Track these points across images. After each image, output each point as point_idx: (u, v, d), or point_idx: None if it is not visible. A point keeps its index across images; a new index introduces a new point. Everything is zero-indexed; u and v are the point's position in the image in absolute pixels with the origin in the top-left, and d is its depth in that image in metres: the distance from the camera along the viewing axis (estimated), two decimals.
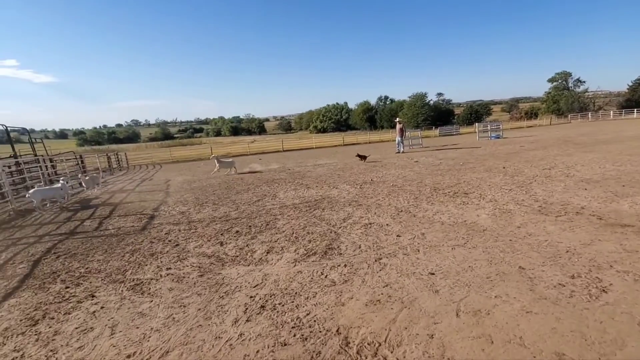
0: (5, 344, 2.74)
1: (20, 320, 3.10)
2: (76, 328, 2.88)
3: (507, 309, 2.64)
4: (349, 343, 2.39)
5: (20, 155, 13.14)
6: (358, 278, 3.39)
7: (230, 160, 14.12)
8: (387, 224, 5.06)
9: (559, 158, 10.52)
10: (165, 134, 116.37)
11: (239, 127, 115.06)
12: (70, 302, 3.37)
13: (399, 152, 16.86)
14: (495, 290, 2.94)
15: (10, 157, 12.61)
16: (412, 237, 4.42)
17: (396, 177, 9.28)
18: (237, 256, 4.26)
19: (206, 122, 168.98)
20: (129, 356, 2.44)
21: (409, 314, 2.69)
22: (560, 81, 64.08)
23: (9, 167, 11.88)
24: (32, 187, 9.11)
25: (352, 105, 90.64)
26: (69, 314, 3.15)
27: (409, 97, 74.35)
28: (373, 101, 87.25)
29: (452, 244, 4.08)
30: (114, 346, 2.58)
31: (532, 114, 63.53)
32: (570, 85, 63.06)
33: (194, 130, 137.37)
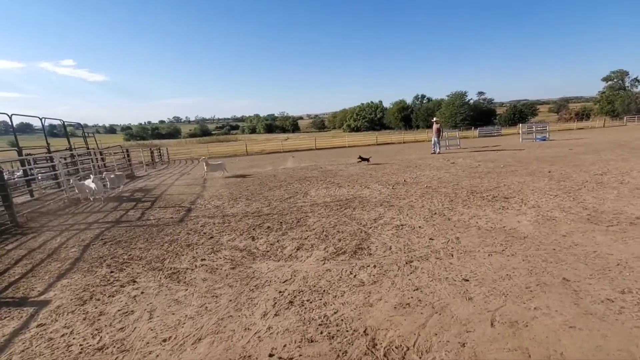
0: (57, 320, 3.00)
1: (71, 300, 3.37)
2: (119, 310, 3.08)
3: (548, 322, 2.47)
4: (376, 345, 2.36)
5: (75, 148, 14.27)
6: (387, 280, 3.33)
7: (220, 162, 13.19)
8: (419, 227, 4.93)
9: (613, 163, 9.68)
10: (203, 130, 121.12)
11: (273, 125, 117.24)
12: (114, 286, 3.61)
13: (434, 153, 16.29)
14: (535, 301, 2.77)
15: (66, 149, 13.73)
16: (445, 241, 4.28)
17: (431, 178, 9.01)
18: (268, 251, 4.35)
19: (242, 119, 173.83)
20: (164, 340, 2.58)
21: (439, 319, 2.60)
22: (615, 80, 58.99)
23: (65, 158, 12.94)
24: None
25: (387, 104, 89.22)
26: (113, 296, 3.38)
27: (448, 96, 71.82)
28: (409, 100, 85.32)
29: (488, 250, 3.89)
30: (152, 330, 2.74)
31: (583, 115, 59.02)
32: (627, 84, 57.90)
33: (230, 127, 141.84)
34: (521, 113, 66.38)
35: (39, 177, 11.75)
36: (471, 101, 71.28)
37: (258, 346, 2.44)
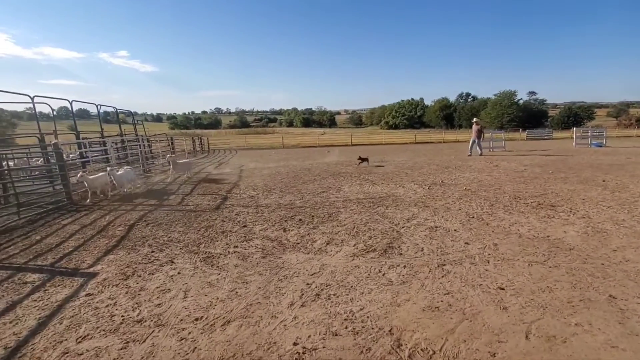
0: (103, 292, 3.26)
1: (116, 274, 3.64)
2: (157, 287, 3.29)
3: (588, 340, 2.29)
4: (401, 345, 2.32)
5: (125, 134, 15.27)
6: (417, 281, 3.25)
7: (187, 161, 11.89)
8: (455, 230, 4.76)
9: None
10: (242, 122, 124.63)
11: (310, 119, 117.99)
12: (154, 265, 3.85)
13: (471, 155, 15.16)
14: (577, 317, 2.57)
15: (117, 135, 14.76)
16: (482, 247, 4.09)
17: (470, 180, 8.63)
18: (298, 243, 4.41)
19: (280, 112, 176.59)
20: (197, 319, 2.71)
21: (470, 326, 2.50)
22: None
23: (116, 143, 13.92)
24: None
25: (428, 101, 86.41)
26: (152, 274, 3.61)
27: (495, 95, 68.06)
28: (452, 98, 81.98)
29: (529, 260, 3.67)
30: (186, 308, 2.89)
31: None
32: None
33: (268, 119, 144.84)
34: (576, 116, 61.30)
35: (93, 160, 12.77)
36: (521, 101, 67.00)
37: (283, 334, 2.49)
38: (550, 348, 2.25)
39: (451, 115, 74.65)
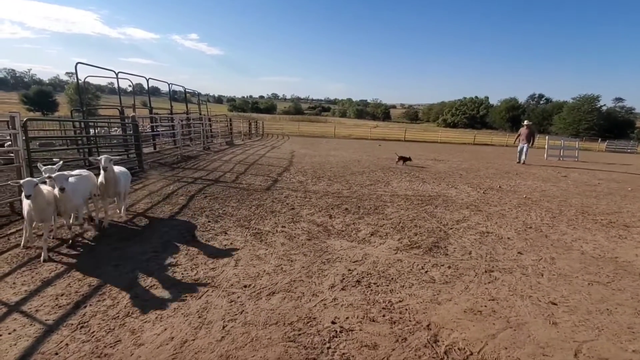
0: (166, 251, 3.66)
1: (177, 238, 4.05)
2: (212, 253, 3.61)
3: None
4: (438, 341, 2.33)
5: (190, 113, 16.44)
6: (461, 283, 3.19)
7: (62, 174, 3.61)
8: (508, 238, 4.52)
9: None
10: (297, 109, 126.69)
11: (364, 111, 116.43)
12: (210, 234, 4.21)
13: (519, 162, 13.47)
14: (636, 344, 2.36)
15: (183, 113, 15.96)
16: (537, 259, 3.85)
17: (532, 189, 8.03)
18: (343, 231, 4.51)
19: (334, 102, 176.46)
20: (245, 286, 2.96)
21: (513, 335, 2.42)
22: None
23: (182, 120, 15.08)
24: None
25: (493, 100, 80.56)
26: (209, 242, 3.95)
27: (573, 99, 61.43)
28: (522, 99, 75.54)
29: (589, 279, 3.39)
30: (236, 275, 3.15)
31: None
32: None
33: (322, 108, 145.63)
34: None
35: (162, 134, 13.98)
36: (604, 108, 59.81)
37: (323, 312, 2.62)
38: None
39: (518, 117, 68.87)
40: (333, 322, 2.49)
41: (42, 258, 3.30)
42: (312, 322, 2.48)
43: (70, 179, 3.66)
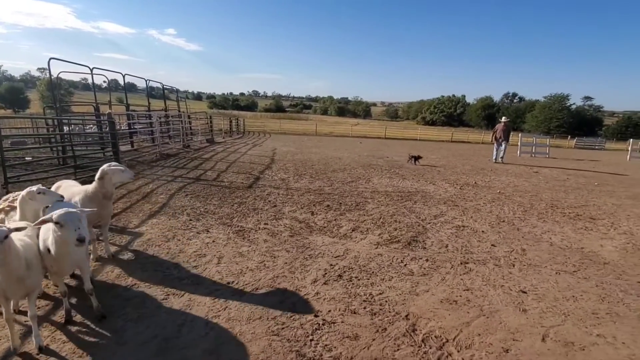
0: (147, 250, 3.61)
1: (158, 236, 4.00)
2: (194, 251, 3.60)
3: (610, 352, 2.28)
4: (416, 330, 2.44)
5: (168, 110, 16.05)
6: (438, 275, 3.32)
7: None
8: (482, 231, 4.72)
9: None
10: (278, 106, 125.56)
11: (345, 109, 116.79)
12: (192, 232, 4.18)
13: (496, 161, 12.90)
14: (600, 328, 2.55)
15: (161, 110, 15.57)
16: (509, 250, 4.05)
17: (506, 184, 8.36)
18: (325, 227, 4.58)
19: (316, 99, 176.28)
20: (228, 283, 2.98)
21: (486, 322, 2.56)
22: None
23: (160, 118, 14.73)
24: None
25: (470, 99, 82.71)
26: (190, 240, 3.93)
27: (545, 98, 63.91)
28: (497, 97, 77.97)
29: (557, 268, 3.60)
30: (219, 272, 3.17)
31: None
32: None
33: (303, 106, 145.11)
34: (636, 126, 56.29)
35: (139, 132, 13.61)
36: (573, 106, 62.52)
37: (305, 305, 2.69)
38: (567, 353, 2.27)
39: (493, 115, 71.04)
40: (316, 316, 2.56)
41: (35, 345, 2.11)
42: (295, 316, 2.54)
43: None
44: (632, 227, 5.26)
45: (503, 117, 13.87)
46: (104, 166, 3.15)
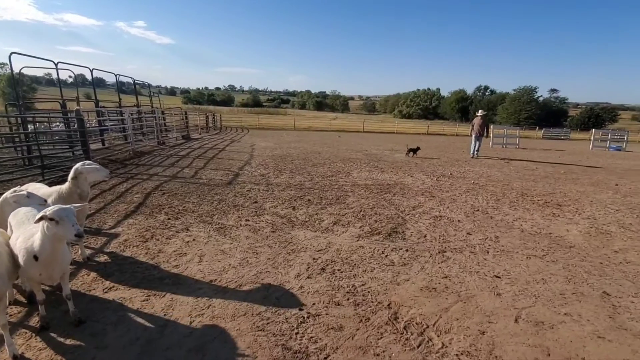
0: (124, 251, 3.51)
1: (135, 236, 3.90)
2: (174, 251, 3.53)
3: (576, 329, 2.45)
4: (398, 318, 2.52)
5: (141, 106, 15.49)
6: (418, 264, 3.43)
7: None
8: (458, 220, 4.89)
9: None
10: (255, 101, 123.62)
11: (323, 103, 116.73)
12: (171, 231, 4.10)
13: (474, 157, 12.41)
14: (567, 308, 2.73)
15: (133, 106, 15.01)
16: (483, 238, 4.23)
17: (480, 175, 8.67)
18: (307, 221, 4.60)
19: (293, 94, 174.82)
20: (211, 281, 2.95)
21: (463, 307, 2.68)
22: None
23: (132, 114, 14.19)
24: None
25: (445, 92, 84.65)
26: (169, 239, 3.85)
27: (514, 90, 66.31)
28: (470, 90, 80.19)
29: (528, 253, 3.80)
30: (201, 271, 3.13)
31: None
32: None
33: (281, 100, 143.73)
34: (598, 117, 59.59)
35: (110, 129, 13.08)
36: (540, 98, 65.26)
37: (290, 300, 2.71)
38: (537, 332, 2.41)
39: (467, 108, 73.15)
40: (300, 309, 2.59)
41: (9, 354, 2.01)
42: (280, 311, 2.56)
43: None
44: (594, 212, 5.60)
45: (479, 111, 13.30)
46: (78, 165, 3.06)
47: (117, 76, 13.20)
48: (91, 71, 10.95)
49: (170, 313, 2.49)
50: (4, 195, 2.47)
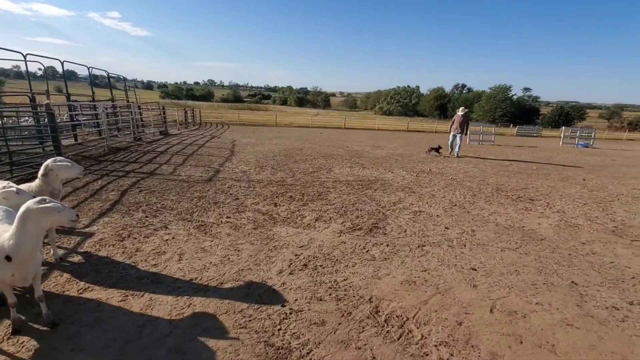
0: (100, 251, 3.40)
1: (111, 235, 3.78)
2: (152, 249, 3.45)
3: (546, 317, 2.58)
4: (379, 312, 2.57)
5: (116, 100, 14.91)
6: (398, 258, 3.50)
7: None
8: (437, 215, 5.02)
9: None
10: (236, 96, 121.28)
11: (304, 99, 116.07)
12: (149, 229, 4.00)
13: (452, 153, 11.98)
14: (539, 297, 2.86)
15: (108, 100, 14.44)
16: (460, 232, 4.36)
17: (457, 171, 8.91)
18: (288, 218, 4.60)
19: (275, 89, 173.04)
20: (192, 280, 2.91)
21: (441, 299, 2.77)
22: None
23: (107, 108, 13.66)
24: None
25: (424, 90, 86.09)
26: (148, 237, 3.76)
27: (490, 89, 68.25)
28: (448, 88, 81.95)
29: (502, 246, 3.95)
30: (180, 269, 3.07)
31: (637, 126, 54.78)
32: None
33: (262, 96, 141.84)
34: (567, 115, 62.25)
35: (83, 124, 12.55)
36: (514, 97, 67.44)
37: (272, 297, 2.71)
38: (511, 321, 2.53)
39: (445, 105, 74.68)
40: (283, 305, 2.59)
41: None
42: (263, 308, 2.56)
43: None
44: (564, 206, 5.88)
45: (461, 108, 12.30)
46: (48, 161, 2.95)
47: (90, 69, 12.65)
48: (62, 63, 10.45)
49: (149, 313, 2.44)
50: None
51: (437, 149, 11.90)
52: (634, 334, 2.45)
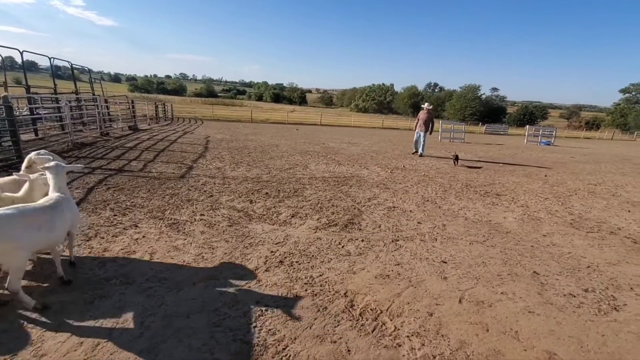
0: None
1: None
2: (122, 249, 3.32)
3: (510, 306, 2.73)
4: (354, 305, 2.62)
5: (80, 93, 14.13)
6: (372, 253, 3.58)
7: None
8: (410, 210, 5.15)
9: (610, 176, 9.86)
10: (209, 91, 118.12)
11: (280, 95, 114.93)
12: (118, 228, 3.84)
13: (416, 153, 11.49)
14: (503, 287, 3.02)
15: (72, 92, 13.66)
16: (432, 227, 4.51)
17: (429, 167, 9.18)
18: (264, 215, 4.57)
19: (250, 85, 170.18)
20: (164, 279, 2.82)
21: (414, 292, 2.86)
22: (634, 93, 57.91)
23: (70, 102, 12.92)
24: None
25: (398, 88, 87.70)
26: (116, 237, 3.61)
27: (460, 88, 70.62)
28: (421, 87, 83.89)
29: (470, 239, 4.13)
30: (152, 269, 2.98)
31: (593, 125, 58.57)
32: None
33: (237, 91, 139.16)
34: (531, 115, 65.62)
35: (44, 118, 11.82)
36: (483, 96, 70.18)
37: (248, 294, 2.69)
38: (478, 310, 2.65)
39: (418, 103, 76.45)
40: (258, 302, 2.59)
41: None
42: (238, 305, 2.54)
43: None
44: (527, 200, 6.21)
45: (425, 104, 11.73)
46: (32, 154, 3.15)
47: (52, 59, 11.90)
48: (21, 53, 9.75)
49: (118, 315, 2.35)
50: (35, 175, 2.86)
51: (456, 158, 10.13)
52: (589, 319, 2.64)
